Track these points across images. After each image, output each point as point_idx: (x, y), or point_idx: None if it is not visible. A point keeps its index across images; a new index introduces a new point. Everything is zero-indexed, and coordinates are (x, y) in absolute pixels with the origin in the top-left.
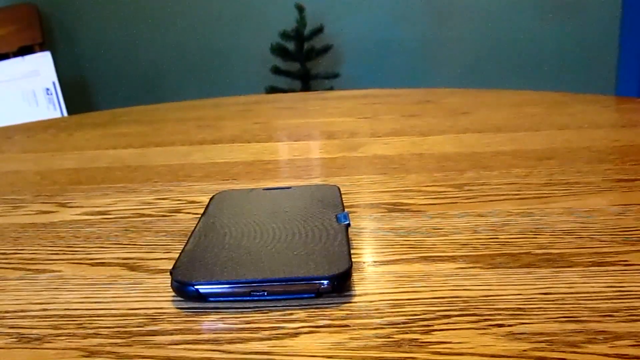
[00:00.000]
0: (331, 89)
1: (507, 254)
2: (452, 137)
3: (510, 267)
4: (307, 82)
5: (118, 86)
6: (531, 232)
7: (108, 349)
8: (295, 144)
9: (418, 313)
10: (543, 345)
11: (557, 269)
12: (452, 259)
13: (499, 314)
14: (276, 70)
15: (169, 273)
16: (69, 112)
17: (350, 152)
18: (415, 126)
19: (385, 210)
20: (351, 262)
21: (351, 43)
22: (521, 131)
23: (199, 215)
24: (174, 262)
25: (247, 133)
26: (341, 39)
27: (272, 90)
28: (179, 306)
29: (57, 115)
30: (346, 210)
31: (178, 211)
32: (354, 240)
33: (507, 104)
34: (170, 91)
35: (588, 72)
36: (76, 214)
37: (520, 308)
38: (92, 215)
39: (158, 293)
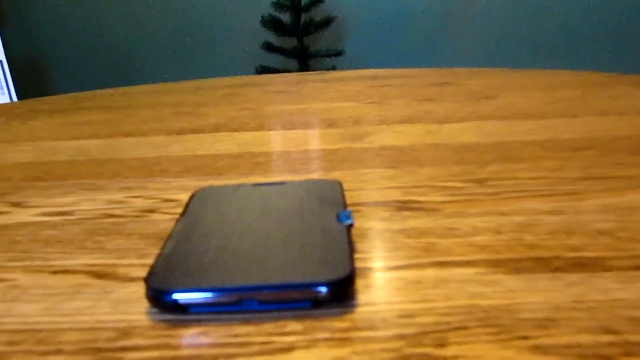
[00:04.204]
0: (333, 68)
1: (534, 257)
2: (474, 124)
3: (537, 273)
4: (304, 60)
5: (79, 66)
6: (562, 232)
7: None
8: (291, 133)
9: (430, 324)
10: (573, 359)
11: (591, 274)
12: (471, 263)
13: (523, 325)
14: (268, 47)
15: (143, 281)
16: (20, 96)
17: (354, 142)
18: (431, 112)
19: (395, 209)
20: (354, 266)
21: (357, 15)
22: (554, 118)
23: (178, 216)
24: (148, 268)
25: (233, 121)
26: (345, 10)
27: (264, 70)
28: (155, 319)
29: (6, 99)
30: (349, 208)
31: (153, 211)
32: (358, 242)
33: (539, 86)
34: (142, 72)
35: (635, 50)
36: (33, 215)
37: (547, 318)
38: (52, 216)
39: (130, 304)
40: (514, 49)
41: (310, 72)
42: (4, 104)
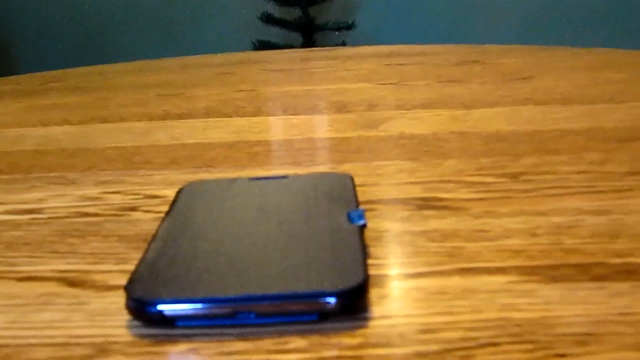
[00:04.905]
0: (343, 44)
1: (574, 264)
2: (506, 110)
3: (578, 281)
4: (310, 34)
5: (49, 41)
6: (606, 235)
7: None
8: (294, 119)
9: (456, 340)
10: None
11: (639, 284)
12: (502, 270)
13: (561, 341)
14: (268, 19)
15: (122, 289)
16: None
17: (368, 130)
18: (457, 95)
19: (415, 208)
20: (367, 274)
21: None
22: (598, 103)
23: (163, 215)
24: (129, 275)
25: (227, 104)
26: None
27: (262, 45)
28: (137, 333)
29: None
30: (362, 206)
31: (134, 209)
32: (372, 246)
33: (581, 67)
34: (121, 47)
35: None
36: None
37: (588, 333)
38: (17, 214)
39: (108, 316)
40: (552, 23)
41: (316, 48)
42: None
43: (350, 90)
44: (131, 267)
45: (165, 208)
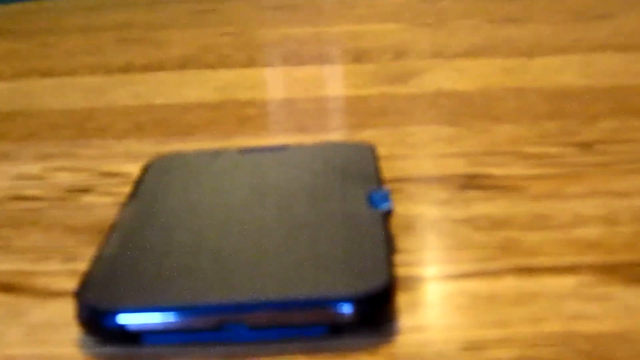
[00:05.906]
0: None
1: None
2: (578, 59)
3: None
4: None
5: None
6: None
7: None
8: (298, 71)
9: None
10: None
11: None
12: (570, 269)
13: None
14: None
15: (72, 296)
16: None
17: (395, 85)
18: (513, 39)
19: (456, 187)
20: (393, 274)
21: None
22: None
23: (125, 198)
24: (80, 277)
25: (209, 52)
26: None
27: None
28: (92, 352)
29: None
30: (387, 186)
31: (86, 190)
32: (400, 237)
33: None
34: None
35: None
36: None
37: None
38: None
39: (54, 330)
40: None
41: None
42: None
43: (372, 32)
44: (83, 266)
45: (128, 189)
